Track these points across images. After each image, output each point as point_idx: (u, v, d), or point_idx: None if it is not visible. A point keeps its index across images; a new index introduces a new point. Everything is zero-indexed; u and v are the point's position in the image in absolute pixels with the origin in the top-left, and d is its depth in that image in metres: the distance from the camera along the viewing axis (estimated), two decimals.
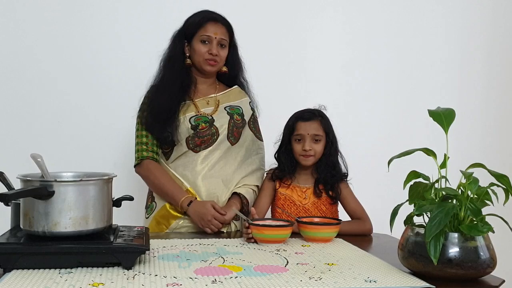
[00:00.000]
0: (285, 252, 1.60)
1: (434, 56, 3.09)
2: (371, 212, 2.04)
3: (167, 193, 2.04)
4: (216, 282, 1.25)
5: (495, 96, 3.18)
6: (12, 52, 2.70)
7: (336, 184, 2.06)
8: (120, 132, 2.67)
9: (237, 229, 2.08)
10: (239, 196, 2.07)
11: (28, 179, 1.38)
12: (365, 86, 3.03)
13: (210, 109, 2.12)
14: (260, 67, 2.33)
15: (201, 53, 2.08)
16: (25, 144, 2.63)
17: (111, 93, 2.75)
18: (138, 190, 2.29)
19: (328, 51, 3.00)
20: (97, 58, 2.76)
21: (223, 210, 1.98)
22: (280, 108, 2.24)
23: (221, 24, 2.10)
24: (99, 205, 1.42)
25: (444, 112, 1.37)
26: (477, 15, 3.14)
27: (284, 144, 2.11)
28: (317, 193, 2.05)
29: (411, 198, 1.39)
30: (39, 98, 2.72)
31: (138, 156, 2.09)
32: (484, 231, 1.27)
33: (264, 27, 2.87)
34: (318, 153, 2.05)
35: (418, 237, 1.32)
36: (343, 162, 2.11)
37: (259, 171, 2.18)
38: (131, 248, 1.37)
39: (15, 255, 1.33)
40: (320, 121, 2.07)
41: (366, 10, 3.02)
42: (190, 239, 1.79)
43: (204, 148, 2.08)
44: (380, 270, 1.39)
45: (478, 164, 1.35)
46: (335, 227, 1.81)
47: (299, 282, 1.27)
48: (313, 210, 2.04)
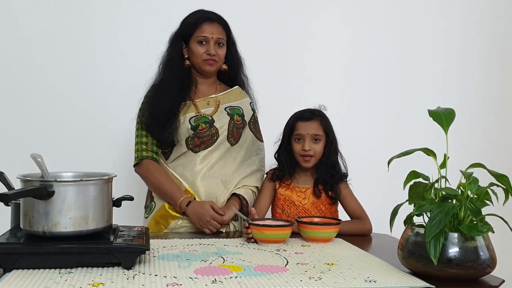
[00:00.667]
0: (285, 252, 1.60)
1: (434, 56, 3.09)
2: (371, 212, 2.04)
3: (166, 193, 2.04)
4: (216, 282, 1.25)
5: (495, 96, 3.18)
6: (12, 53, 2.70)
7: (335, 184, 2.06)
8: (120, 132, 2.67)
9: (236, 230, 2.07)
10: (239, 197, 2.07)
11: (28, 179, 1.38)
12: (365, 86, 3.03)
13: (210, 110, 2.12)
14: (259, 67, 2.33)
15: (199, 54, 2.08)
16: (25, 144, 2.62)
17: (111, 93, 2.75)
18: (138, 190, 2.29)
19: (329, 50, 3.00)
20: (97, 59, 2.76)
21: (221, 211, 1.98)
22: (280, 108, 2.24)
23: (217, 23, 2.09)
24: (99, 205, 1.42)
25: (444, 112, 1.37)
26: (477, 15, 3.14)
27: (284, 144, 2.11)
28: (316, 193, 2.05)
29: (411, 198, 1.39)
30: (39, 98, 2.72)
31: (138, 156, 2.09)
32: (484, 231, 1.27)
33: (264, 27, 2.87)
34: (318, 153, 2.05)
35: (418, 237, 1.32)
36: (342, 162, 2.11)
37: (258, 172, 2.18)
38: (131, 248, 1.37)
39: (15, 255, 1.33)
40: (320, 121, 2.07)
41: (367, 10, 3.02)
42: (190, 239, 1.79)
43: (204, 148, 2.08)
44: (380, 270, 1.39)
45: (478, 164, 1.35)
46: (335, 227, 1.81)
47: (299, 282, 1.27)
48: (313, 210, 2.04)
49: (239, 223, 2.09)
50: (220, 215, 1.96)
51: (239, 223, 2.09)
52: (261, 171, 2.20)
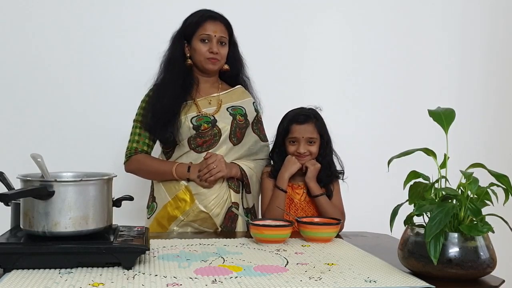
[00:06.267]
0: (285, 252, 1.60)
1: (434, 56, 3.10)
2: (371, 212, 2.05)
3: (163, 173, 2.06)
4: (216, 282, 1.25)
5: (495, 96, 3.18)
6: (12, 53, 2.70)
7: (330, 183, 2.05)
8: (120, 132, 2.66)
9: (236, 229, 2.08)
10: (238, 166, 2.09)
11: (28, 179, 1.38)
12: (365, 86, 3.03)
13: (212, 109, 2.12)
14: (259, 67, 2.33)
15: (201, 52, 2.08)
16: (25, 144, 2.63)
17: (111, 93, 2.75)
18: (138, 190, 2.30)
19: (328, 50, 3.00)
20: (97, 59, 2.76)
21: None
22: (280, 108, 2.23)
23: (219, 22, 2.10)
24: (99, 205, 1.42)
25: (444, 112, 1.37)
26: (476, 15, 3.14)
27: (278, 145, 2.10)
28: (310, 192, 2.04)
29: (411, 198, 1.39)
30: (39, 98, 2.72)
31: (126, 154, 2.12)
32: (484, 231, 1.27)
33: (264, 27, 2.87)
34: (313, 153, 2.05)
35: (418, 237, 1.32)
36: (338, 160, 2.11)
37: (261, 160, 2.18)
38: (131, 248, 1.36)
39: (15, 255, 1.33)
40: (315, 123, 2.05)
41: (366, 10, 3.02)
42: (190, 239, 1.79)
43: (206, 148, 2.07)
44: (380, 270, 1.39)
45: (478, 164, 1.35)
46: (335, 227, 1.81)
47: (299, 282, 1.27)
48: (307, 207, 2.03)
49: (239, 223, 2.09)
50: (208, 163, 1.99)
51: (239, 223, 2.09)
52: (265, 161, 2.19)
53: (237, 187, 2.11)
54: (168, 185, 2.07)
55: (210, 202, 2.03)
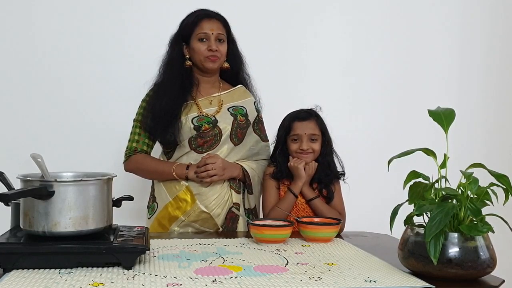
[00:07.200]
0: (285, 252, 1.60)
1: (434, 56, 3.09)
2: (371, 212, 2.05)
3: (162, 173, 2.06)
4: (216, 282, 1.25)
5: (495, 96, 3.18)
6: (12, 53, 2.70)
7: (331, 183, 2.05)
8: (120, 132, 2.65)
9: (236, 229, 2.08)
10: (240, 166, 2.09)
11: (28, 179, 1.38)
12: (366, 86, 3.03)
13: (213, 109, 2.11)
14: (260, 67, 2.33)
15: (200, 51, 2.08)
16: (25, 144, 2.63)
17: (111, 93, 2.75)
18: (138, 190, 2.30)
19: (329, 50, 3.00)
20: (98, 59, 2.76)
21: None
22: (280, 108, 2.24)
23: (216, 20, 2.09)
24: (99, 205, 1.42)
25: (444, 112, 1.37)
26: (476, 15, 3.14)
27: (280, 145, 2.10)
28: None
29: (411, 198, 1.39)
30: (39, 98, 2.72)
31: (126, 153, 2.12)
32: (484, 231, 1.27)
33: (263, 27, 2.87)
34: (316, 151, 2.05)
35: (418, 237, 1.32)
36: (338, 161, 2.11)
37: (263, 161, 2.18)
38: (131, 248, 1.37)
39: (15, 255, 1.33)
40: (316, 121, 2.06)
41: (367, 10, 3.02)
42: (190, 239, 1.79)
43: (207, 148, 2.07)
44: (380, 270, 1.39)
45: (478, 164, 1.35)
46: (335, 227, 1.81)
47: (299, 282, 1.27)
48: (308, 208, 2.03)
49: (240, 223, 2.09)
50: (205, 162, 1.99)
51: (240, 224, 2.09)
52: (266, 161, 2.19)
53: (239, 187, 2.11)
54: (169, 185, 2.07)
55: (211, 202, 2.03)
